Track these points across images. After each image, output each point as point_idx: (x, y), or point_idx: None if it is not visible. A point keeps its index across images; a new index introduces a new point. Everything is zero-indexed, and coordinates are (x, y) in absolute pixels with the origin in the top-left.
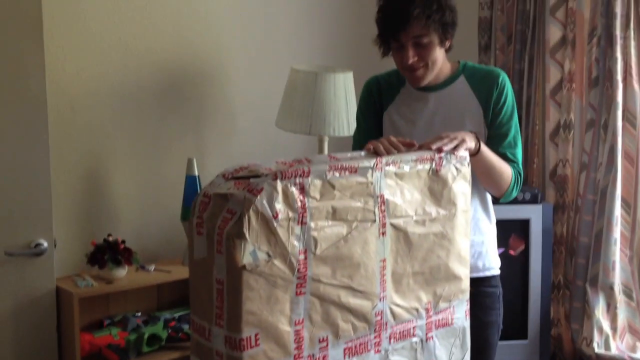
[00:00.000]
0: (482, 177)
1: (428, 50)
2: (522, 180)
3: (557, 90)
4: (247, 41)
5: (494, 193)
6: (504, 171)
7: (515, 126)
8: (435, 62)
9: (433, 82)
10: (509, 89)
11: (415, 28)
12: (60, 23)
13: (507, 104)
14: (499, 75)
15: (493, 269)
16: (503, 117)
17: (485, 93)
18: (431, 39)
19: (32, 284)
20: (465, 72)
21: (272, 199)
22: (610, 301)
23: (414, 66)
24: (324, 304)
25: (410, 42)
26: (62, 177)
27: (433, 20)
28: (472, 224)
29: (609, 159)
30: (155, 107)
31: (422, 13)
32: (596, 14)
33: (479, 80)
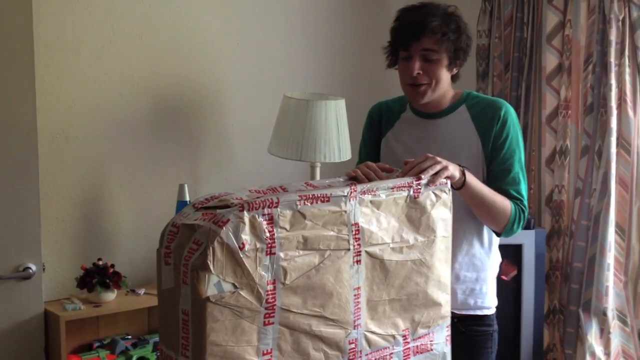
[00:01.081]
0: (474, 210)
1: (435, 67)
2: (525, 217)
3: (553, 117)
4: (241, 69)
5: (493, 228)
6: (500, 206)
7: (519, 161)
8: (439, 81)
9: (434, 109)
10: (512, 122)
11: (427, 41)
12: (55, 52)
13: (510, 138)
14: (501, 108)
15: (486, 308)
16: (505, 152)
17: (485, 125)
18: (440, 57)
19: (20, 308)
20: (467, 102)
21: (239, 230)
22: (603, 326)
23: (417, 80)
24: (294, 333)
25: (419, 54)
26: (55, 203)
27: (447, 38)
28: (466, 259)
29: (603, 185)
30: (149, 135)
31: (439, 28)
32: (592, 41)
33: (480, 110)
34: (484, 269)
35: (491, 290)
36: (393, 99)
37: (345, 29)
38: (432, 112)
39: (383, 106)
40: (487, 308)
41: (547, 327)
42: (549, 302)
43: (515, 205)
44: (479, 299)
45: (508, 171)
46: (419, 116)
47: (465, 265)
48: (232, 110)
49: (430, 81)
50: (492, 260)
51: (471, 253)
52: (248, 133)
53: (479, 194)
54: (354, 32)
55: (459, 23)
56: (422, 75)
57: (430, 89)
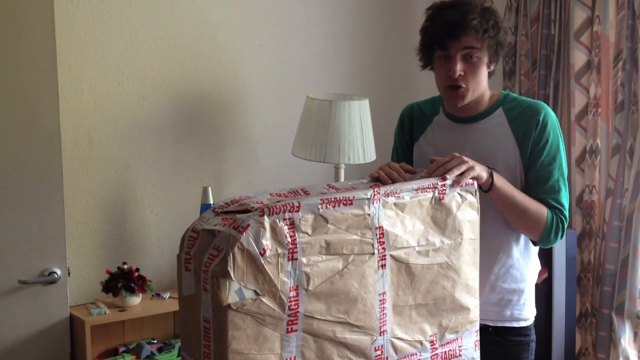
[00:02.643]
0: (507, 216)
1: (476, 67)
2: (564, 227)
3: (582, 115)
4: (264, 70)
5: (529, 237)
6: (534, 213)
7: (559, 169)
8: (479, 83)
9: (470, 112)
10: (552, 127)
11: (469, 38)
12: (78, 55)
13: (550, 145)
14: (541, 111)
15: (523, 320)
16: (544, 159)
17: (523, 130)
18: (482, 55)
19: (45, 312)
20: (504, 105)
21: (259, 236)
22: (637, 330)
23: (458, 81)
24: (318, 340)
25: (460, 54)
26: (79, 207)
27: (489, 35)
28: (502, 270)
29: (635, 184)
30: (172, 137)
31: (480, 25)
32: (621, 37)
33: (518, 115)
34: (523, 279)
35: (529, 301)
36: (425, 100)
37: (369, 28)
38: (467, 116)
39: (415, 108)
40: (525, 320)
41: (579, 330)
42: (581, 305)
43: (552, 213)
44: (515, 310)
45: (547, 179)
46: (453, 120)
47: (502, 277)
48: (255, 111)
49: (470, 82)
50: (530, 269)
51: (509, 264)
52: (271, 134)
53: (509, 197)
54: (377, 31)
55: (496, 18)
56: (464, 77)
57: (469, 91)
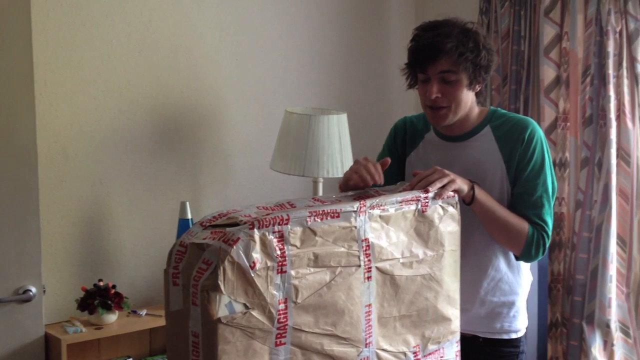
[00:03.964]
0: (488, 229)
1: (454, 89)
2: (545, 243)
3: (552, 129)
4: (241, 84)
5: (511, 250)
6: (515, 227)
7: (544, 185)
8: (459, 103)
9: (458, 131)
10: (538, 143)
11: (444, 62)
12: (54, 69)
13: (535, 160)
14: (527, 128)
15: (514, 332)
16: (528, 174)
17: (510, 147)
18: (459, 78)
19: (20, 331)
20: (492, 122)
21: (249, 249)
22: (607, 339)
23: (436, 103)
24: (306, 353)
25: (437, 77)
26: (53, 223)
27: (465, 58)
28: (492, 284)
29: (604, 196)
30: (149, 152)
31: (455, 48)
32: (589, 53)
33: (506, 132)
34: (512, 292)
35: (520, 313)
36: (417, 115)
37: (347, 44)
38: (455, 134)
39: (408, 123)
40: (515, 332)
41: (550, 340)
42: (551, 314)
43: (534, 229)
44: (505, 323)
45: (530, 194)
46: (443, 139)
47: (492, 291)
48: (233, 125)
49: (450, 104)
50: (521, 283)
51: (497, 278)
52: (248, 148)
53: (490, 210)
54: (355, 46)
55: (477, 39)
56: (442, 98)
57: (450, 111)
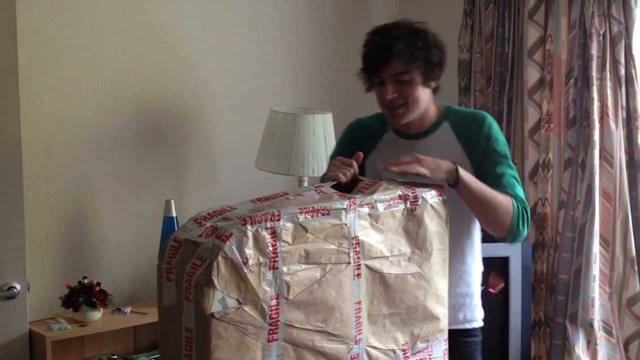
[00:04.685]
0: (475, 212)
1: (409, 88)
2: (528, 217)
3: (535, 130)
4: (227, 83)
5: (498, 232)
6: (503, 201)
7: (511, 167)
8: (416, 101)
9: (416, 129)
10: (496, 132)
11: (396, 64)
12: (38, 66)
13: (498, 148)
14: (484, 120)
15: (475, 321)
16: (495, 160)
17: (470, 140)
18: (413, 77)
19: (4, 328)
20: (449, 117)
21: (242, 245)
22: (590, 338)
23: (393, 103)
24: (298, 349)
25: (391, 79)
26: (37, 220)
27: (416, 57)
28: (457, 276)
29: (587, 197)
30: (134, 150)
31: (405, 49)
32: (573, 55)
33: (464, 125)
34: (473, 283)
35: (479, 303)
36: (371, 117)
37: (332, 44)
38: (415, 132)
39: (363, 124)
40: (476, 321)
41: (533, 339)
42: (535, 314)
43: (517, 202)
44: (468, 313)
45: (500, 175)
46: (402, 137)
47: (456, 282)
48: (217, 124)
49: (407, 101)
50: (479, 272)
51: (462, 270)
52: (233, 147)
53: (478, 189)
54: (340, 45)
55: (426, 38)
56: (398, 97)
57: (408, 109)
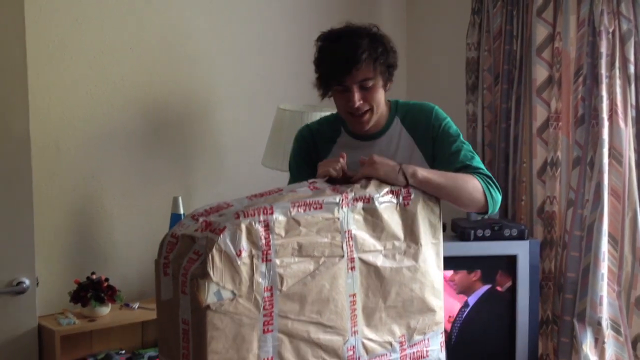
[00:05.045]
0: (445, 199)
1: (372, 93)
2: (494, 181)
3: (544, 129)
4: (234, 81)
5: (476, 209)
6: (465, 183)
7: (464, 143)
8: (379, 104)
9: (373, 129)
10: (444, 118)
11: (362, 72)
12: (46, 63)
13: (450, 132)
14: (431, 111)
15: None
16: (447, 141)
17: (420, 132)
18: (376, 81)
19: (13, 322)
20: (398, 113)
21: (235, 237)
22: (598, 336)
23: (359, 110)
24: (294, 340)
25: (356, 86)
26: (46, 216)
27: (379, 63)
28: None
29: (596, 195)
30: (142, 146)
31: (370, 56)
32: (582, 53)
33: (412, 119)
34: None
35: None
36: (319, 122)
37: None
38: (370, 133)
39: (314, 131)
40: None
41: (540, 337)
42: (542, 312)
43: (478, 175)
44: None
45: (457, 152)
46: (358, 139)
47: None
48: (225, 121)
49: (372, 107)
50: None
51: None
52: (240, 145)
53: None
54: None
55: (384, 43)
56: (363, 103)
57: (373, 114)
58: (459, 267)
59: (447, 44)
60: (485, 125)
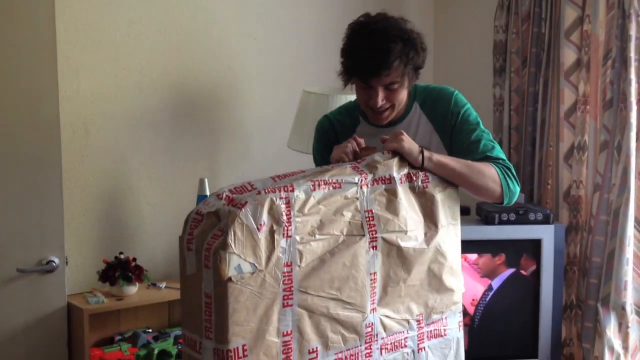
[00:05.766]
0: (466, 186)
1: (397, 93)
2: (514, 173)
3: (571, 112)
4: (260, 64)
5: (491, 198)
6: (480, 171)
7: (485, 132)
8: (401, 102)
9: (393, 118)
10: (464, 105)
11: (390, 76)
12: (76, 47)
13: (469, 119)
14: (451, 96)
15: None
16: (467, 130)
17: (440, 118)
18: (402, 83)
19: (43, 301)
20: (417, 98)
21: (257, 212)
22: (621, 321)
23: (382, 108)
24: (314, 315)
25: (382, 87)
26: (75, 196)
27: (409, 67)
28: None
29: (622, 180)
30: (169, 129)
31: (400, 62)
32: (611, 36)
33: (432, 104)
34: None
35: None
36: (338, 111)
37: None
38: (390, 120)
39: (334, 121)
40: None
41: (564, 321)
42: (566, 296)
43: (496, 164)
44: None
45: (477, 142)
46: (377, 126)
47: None
48: (251, 104)
49: (393, 104)
50: None
51: None
52: (266, 127)
53: (451, 164)
54: None
55: (416, 45)
56: (386, 103)
57: (393, 111)
58: (483, 250)
59: (475, 26)
60: (512, 109)
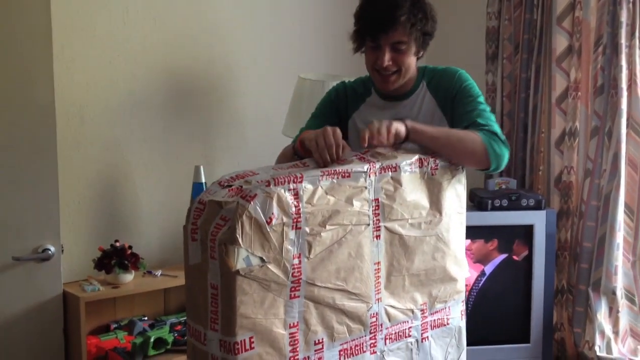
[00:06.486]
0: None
1: (404, 56)
2: (500, 137)
3: (562, 99)
4: (255, 50)
5: (477, 163)
6: (466, 137)
7: (482, 103)
8: (408, 69)
9: (400, 91)
10: (467, 81)
11: (397, 34)
12: (71, 35)
13: (469, 92)
14: (455, 74)
15: None
16: (464, 103)
17: (444, 96)
18: (409, 46)
19: (39, 289)
20: (425, 77)
21: (266, 205)
22: (612, 305)
23: (387, 70)
24: (319, 307)
25: (389, 46)
26: (71, 184)
27: (416, 28)
28: None
29: (613, 165)
30: (163, 116)
31: (408, 20)
32: (602, 23)
33: (437, 82)
34: None
35: None
36: (355, 81)
37: None
38: (398, 94)
39: (348, 87)
40: None
41: (555, 306)
42: (558, 281)
43: (482, 132)
44: None
45: (470, 112)
46: (385, 99)
47: None
48: (246, 91)
49: (400, 69)
50: None
51: None
52: (261, 114)
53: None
54: None
55: (425, 9)
56: (392, 65)
57: (399, 77)
58: (476, 236)
59: (468, 12)
60: (505, 95)
